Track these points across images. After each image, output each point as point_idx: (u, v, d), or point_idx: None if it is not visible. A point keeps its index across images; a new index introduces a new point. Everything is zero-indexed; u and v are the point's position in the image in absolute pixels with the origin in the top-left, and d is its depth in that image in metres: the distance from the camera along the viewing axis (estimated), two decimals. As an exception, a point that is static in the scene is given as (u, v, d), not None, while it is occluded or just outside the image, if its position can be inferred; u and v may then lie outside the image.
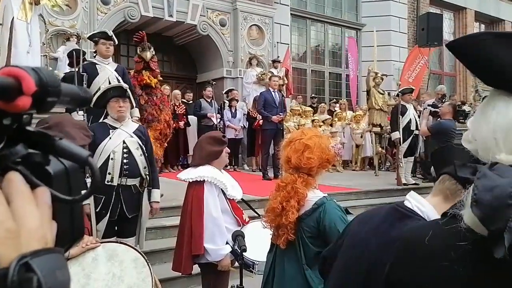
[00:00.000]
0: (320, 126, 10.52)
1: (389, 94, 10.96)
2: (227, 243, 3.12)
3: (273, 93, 8.68)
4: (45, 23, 7.42)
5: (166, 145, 6.60)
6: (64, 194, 0.52)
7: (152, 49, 6.02)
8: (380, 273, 1.31)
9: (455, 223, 0.81)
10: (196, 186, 3.19)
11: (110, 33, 5.41)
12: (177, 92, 9.79)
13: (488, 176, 0.73)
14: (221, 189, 3.21)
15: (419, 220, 1.33)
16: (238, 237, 2.77)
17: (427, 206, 1.34)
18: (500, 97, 0.83)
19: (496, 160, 0.79)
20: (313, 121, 10.51)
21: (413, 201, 1.38)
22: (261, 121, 9.22)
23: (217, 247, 3.10)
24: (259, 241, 2.78)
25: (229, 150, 3.55)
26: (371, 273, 1.35)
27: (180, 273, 3.35)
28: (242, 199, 3.49)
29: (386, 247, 1.31)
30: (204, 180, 3.17)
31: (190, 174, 3.24)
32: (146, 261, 2.73)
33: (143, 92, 5.91)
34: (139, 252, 2.80)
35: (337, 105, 12.34)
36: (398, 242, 0.99)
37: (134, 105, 4.35)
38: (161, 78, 6.45)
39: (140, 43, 5.97)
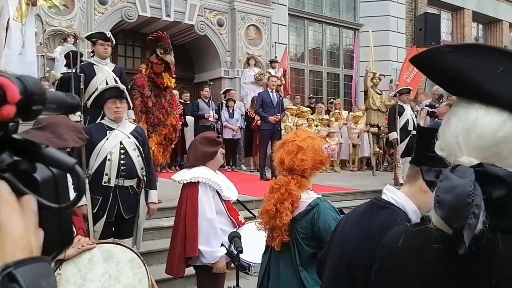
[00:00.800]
0: (316, 126, 10.52)
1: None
2: (222, 245, 3.09)
3: (270, 93, 8.68)
4: (42, 23, 7.41)
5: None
6: (52, 201, 0.52)
7: (172, 52, 5.66)
8: (362, 264, 1.35)
9: (425, 225, 0.86)
10: (190, 188, 3.15)
11: (109, 34, 5.40)
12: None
13: (449, 177, 0.77)
14: (216, 190, 3.17)
15: (394, 210, 1.43)
16: (234, 238, 2.75)
17: (401, 196, 1.44)
18: (461, 105, 0.88)
19: (458, 163, 0.82)
20: (307, 119, 10.53)
21: (388, 193, 1.47)
22: (259, 121, 9.21)
23: (212, 249, 3.07)
24: (255, 243, 2.77)
25: (224, 151, 3.53)
26: (354, 266, 1.41)
27: (173, 276, 3.29)
28: (237, 200, 3.46)
29: (366, 239, 1.39)
30: (198, 182, 3.13)
31: (184, 175, 3.20)
32: (143, 262, 2.72)
33: (152, 94, 5.55)
34: (135, 253, 2.80)
35: (332, 105, 12.34)
36: (382, 248, 1.02)
37: (131, 106, 4.34)
38: (175, 75, 6.10)
39: (157, 43, 5.52)
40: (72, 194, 0.56)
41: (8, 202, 0.48)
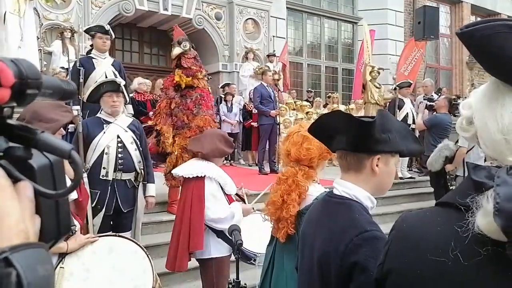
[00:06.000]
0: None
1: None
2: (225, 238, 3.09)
3: (267, 87, 8.67)
4: (39, 17, 7.36)
5: None
6: (49, 188, 0.51)
7: (184, 43, 5.13)
8: (333, 261, 1.39)
9: (460, 218, 0.78)
10: (196, 182, 3.15)
11: (107, 27, 5.37)
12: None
13: (509, 183, 0.71)
14: (220, 185, 3.19)
15: (349, 204, 1.47)
16: (234, 231, 2.72)
17: (351, 187, 1.49)
18: (509, 94, 0.79)
19: (508, 163, 0.76)
20: (307, 113, 10.52)
21: (339, 187, 1.52)
22: (252, 123, 9.47)
23: (226, 214, 3.08)
24: (259, 234, 2.77)
25: None
26: (325, 264, 1.44)
27: (175, 271, 3.29)
28: (236, 193, 3.47)
29: (333, 238, 1.43)
30: (204, 176, 3.14)
31: (191, 170, 3.19)
32: (146, 253, 2.74)
33: (178, 94, 5.09)
34: (138, 245, 2.81)
35: (330, 99, 12.32)
36: (394, 231, 0.97)
37: (128, 100, 4.32)
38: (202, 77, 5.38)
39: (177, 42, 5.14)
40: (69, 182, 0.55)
41: (4, 188, 0.47)
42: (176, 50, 5.05)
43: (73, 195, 2.66)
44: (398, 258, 0.90)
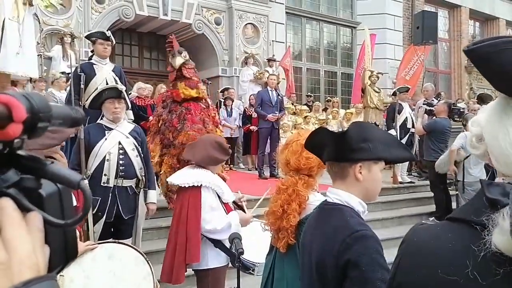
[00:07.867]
0: (314, 124, 10.51)
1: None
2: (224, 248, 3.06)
3: (270, 92, 8.67)
4: (39, 22, 7.37)
5: None
6: (57, 216, 0.52)
7: (184, 53, 5.02)
8: (329, 262, 1.46)
9: (475, 236, 0.77)
10: (192, 191, 3.06)
11: (108, 33, 5.37)
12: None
13: None
14: (217, 194, 3.11)
15: (340, 209, 1.55)
16: (235, 239, 2.68)
17: (342, 194, 1.58)
18: None
19: None
20: (305, 117, 10.51)
21: (331, 195, 1.62)
22: (251, 127, 9.49)
23: (223, 225, 3.00)
24: (258, 242, 2.75)
25: None
26: (321, 266, 1.51)
27: (171, 283, 3.16)
28: (234, 202, 3.38)
29: (326, 241, 1.51)
30: (200, 185, 3.05)
31: (187, 178, 3.10)
32: (146, 259, 2.73)
33: (165, 111, 4.99)
34: (138, 251, 2.80)
35: (330, 103, 12.34)
36: (402, 244, 0.95)
37: (129, 106, 4.32)
38: (203, 88, 5.28)
39: (172, 49, 5.06)
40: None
41: (14, 220, 0.47)
42: (179, 60, 4.91)
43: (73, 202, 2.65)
44: (409, 273, 0.89)
